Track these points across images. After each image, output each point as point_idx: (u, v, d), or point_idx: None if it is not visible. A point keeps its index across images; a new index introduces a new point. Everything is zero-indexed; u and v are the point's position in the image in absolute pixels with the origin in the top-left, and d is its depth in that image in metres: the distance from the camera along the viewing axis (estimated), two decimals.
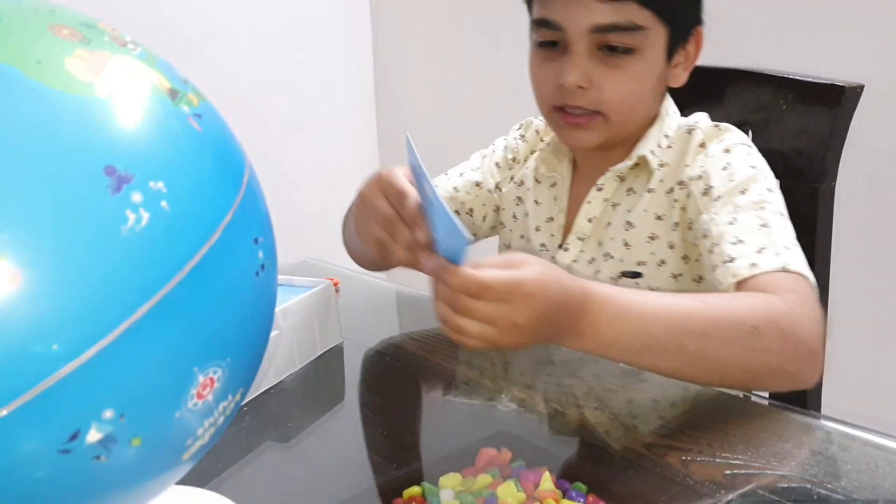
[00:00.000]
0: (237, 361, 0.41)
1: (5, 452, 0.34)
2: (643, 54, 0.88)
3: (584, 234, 0.98)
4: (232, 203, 0.40)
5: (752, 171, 0.86)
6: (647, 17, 0.87)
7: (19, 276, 0.32)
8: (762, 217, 0.81)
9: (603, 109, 0.89)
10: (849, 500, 0.58)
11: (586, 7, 0.86)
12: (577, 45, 0.88)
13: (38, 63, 0.35)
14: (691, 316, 0.68)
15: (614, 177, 0.95)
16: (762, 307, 0.71)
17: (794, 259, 0.77)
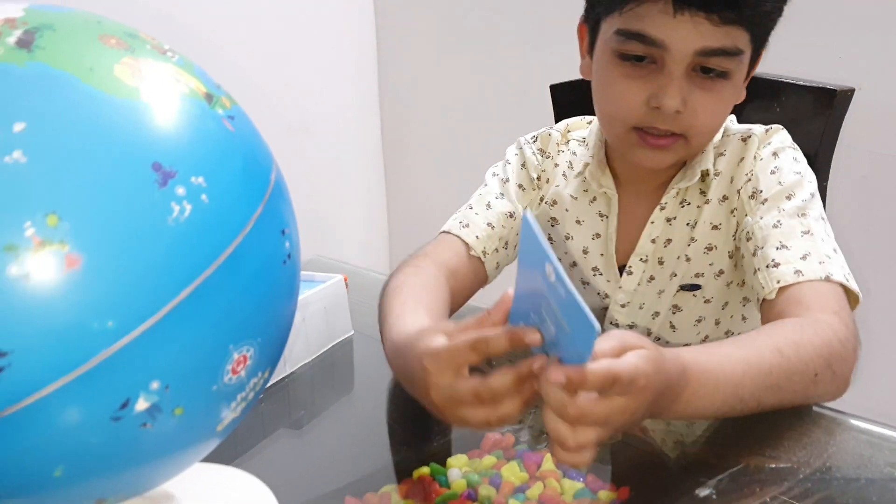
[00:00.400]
0: (266, 341, 0.45)
1: (64, 418, 0.38)
2: (734, 77, 0.85)
3: (647, 255, 0.94)
4: (262, 197, 0.44)
5: (797, 177, 0.85)
6: (745, 40, 0.83)
7: (80, 260, 0.36)
8: (805, 224, 0.82)
9: (689, 133, 0.86)
10: (832, 479, 0.62)
11: (698, 30, 0.81)
12: (678, 66, 0.82)
13: (90, 70, 0.39)
14: (770, 373, 0.68)
15: (675, 193, 0.92)
16: (823, 351, 0.71)
17: (836, 268, 0.79)
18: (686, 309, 0.94)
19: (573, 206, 0.98)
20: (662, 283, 0.94)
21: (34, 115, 0.37)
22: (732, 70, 0.83)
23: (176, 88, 0.42)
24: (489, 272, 0.98)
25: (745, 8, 0.80)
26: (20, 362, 0.36)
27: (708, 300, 0.93)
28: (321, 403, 0.87)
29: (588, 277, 0.98)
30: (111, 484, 0.43)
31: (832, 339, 0.71)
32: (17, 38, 0.39)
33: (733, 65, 0.83)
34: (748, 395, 0.66)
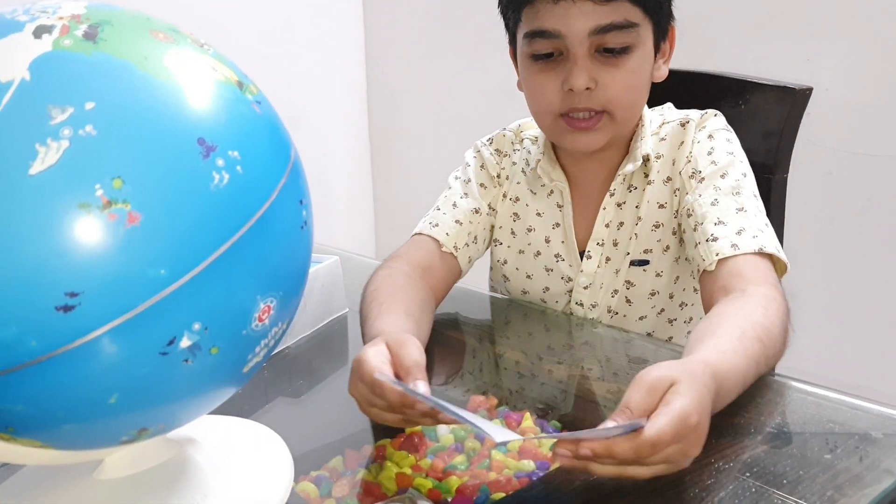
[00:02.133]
0: (286, 295, 0.52)
1: (121, 351, 0.45)
2: (637, 50, 0.92)
3: (603, 239, 1.01)
4: (284, 170, 0.51)
5: (730, 157, 0.93)
6: (637, 14, 0.91)
7: (139, 218, 0.43)
8: (739, 201, 0.89)
9: (609, 108, 0.92)
10: (782, 433, 0.69)
11: (583, 11, 0.89)
12: (579, 49, 0.90)
13: (145, 59, 0.47)
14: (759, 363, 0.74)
15: (623, 179, 0.99)
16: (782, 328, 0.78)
17: (768, 241, 0.86)
18: (638, 283, 1.01)
19: (532, 200, 1.05)
20: (618, 263, 1.02)
21: (101, 96, 0.44)
22: (633, 43, 0.92)
23: (213, 76, 0.49)
24: (462, 266, 1.05)
25: None
26: (88, 302, 0.43)
27: (659, 274, 1.00)
28: (318, 374, 0.93)
29: (552, 264, 1.05)
30: (154, 414, 0.50)
31: (783, 314, 0.80)
32: (83, 32, 0.46)
33: (631, 38, 0.91)
34: (748, 384, 0.73)
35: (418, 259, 1.01)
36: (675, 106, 1.05)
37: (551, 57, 0.93)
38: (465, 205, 1.07)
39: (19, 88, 0.44)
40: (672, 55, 0.99)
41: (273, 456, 0.64)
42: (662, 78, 0.98)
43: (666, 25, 0.96)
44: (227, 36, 2.11)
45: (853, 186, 1.61)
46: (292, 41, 2.32)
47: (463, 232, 1.05)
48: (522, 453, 0.69)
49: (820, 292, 1.66)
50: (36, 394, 0.45)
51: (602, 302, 1.03)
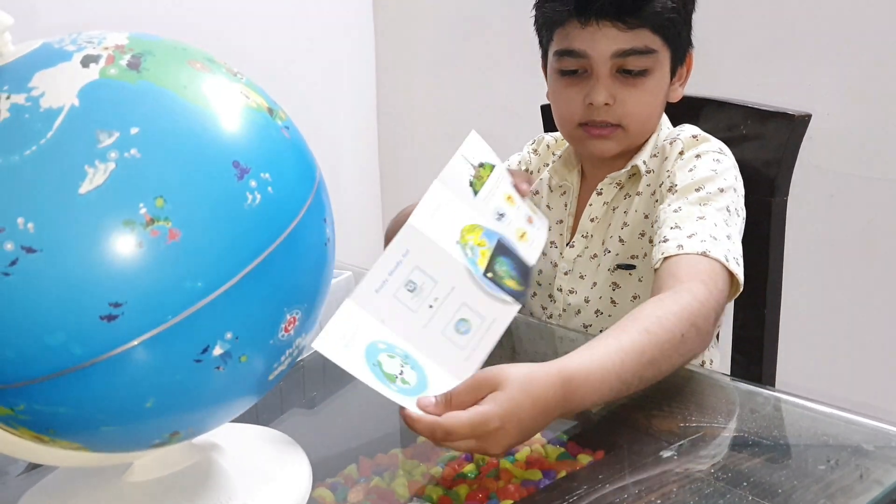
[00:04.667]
0: (310, 308, 0.55)
1: (159, 358, 0.48)
2: (654, 74, 1.02)
3: (588, 233, 1.11)
4: (311, 191, 0.55)
5: (710, 173, 0.98)
6: (657, 41, 1.01)
7: (179, 234, 0.47)
8: (702, 211, 0.94)
9: (623, 122, 1.04)
10: (775, 444, 0.72)
11: (608, 36, 1.00)
12: (602, 68, 1.01)
13: (185, 87, 0.50)
14: (644, 352, 0.76)
15: (612, 183, 1.09)
16: (684, 314, 0.80)
17: (716, 247, 0.89)
18: (623, 287, 1.08)
19: (548, 195, 1.18)
20: (600, 259, 1.10)
21: (145, 121, 0.48)
22: (651, 67, 1.02)
23: (245, 103, 0.53)
24: None
25: (638, 14, 0.99)
26: (130, 312, 0.46)
27: (641, 279, 1.07)
28: (332, 386, 0.96)
29: (546, 249, 1.16)
30: (186, 418, 0.53)
31: (691, 301, 0.81)
32: (127, 61, 0.50)
33: (649, 63, 1.02)
34: (630, 377, 0.74)
35: None
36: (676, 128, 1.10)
37: (576, 73, 1.04)
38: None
39: (69, 114, 0.47)
40: (688, 79, 1.08)
41: (292, 462, 0.67)
42: (677, 99, 1.09)
43: (684, 52, 1.06)
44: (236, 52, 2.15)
45: (854, 209, 1.63)
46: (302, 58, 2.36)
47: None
48: (530, 463, 0.72)
49: (821, 314, 1.69)
50: (78, 397, 0.48)
51: (581, 291, 1.11)
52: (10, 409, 0.50)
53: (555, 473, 0.69)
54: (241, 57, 2.21)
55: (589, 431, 0.77)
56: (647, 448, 0.72)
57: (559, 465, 0.71)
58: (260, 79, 0.61)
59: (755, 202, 1.11)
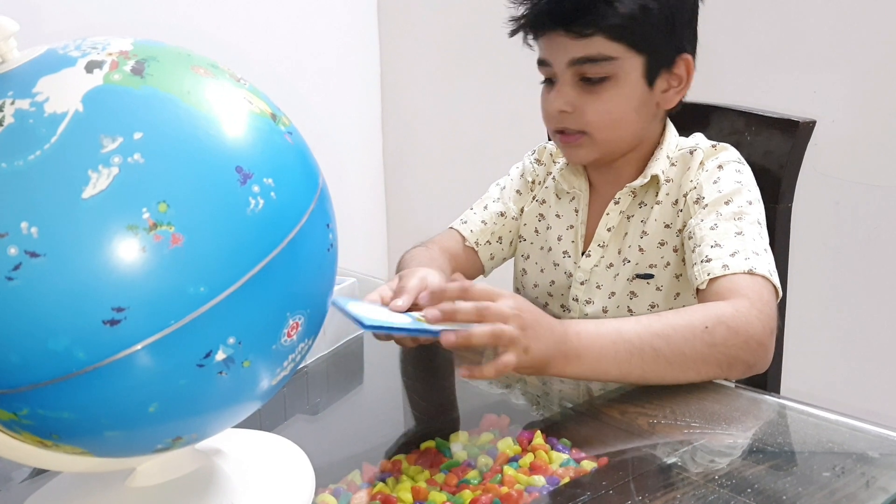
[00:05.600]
0: (312, 313, 0.55)
1: (162, 363, 0.48)
2: (618, 81, 1.01)
3: (604, 242, 1.10)
4: (313, 197, 0.55)
5: (737, 185, 0.98)
6: (616, 48, 1.00)
7: (182, 239, 0.47)
8: (739, 226, 0.94)
9: (587, 129, 1.04)
10: (780, 452, 0.72)
11: (563, 45, 1.01)
12: (563, 76, 1.03)
13: (188, 93, 0.50)
14: (651, 324, 0.81)
15: (629, 192, 1.08)
16: (711, 312, 0.83)
17: (760, 263, 0.90)
18: (641, 295, 1.08)
19: (556, 203, 1.18)
20: (618, 268, 1.09)
21: (148, 127, 0.48)
22: (612, 74, 1.01)
23: (249, 109, 0.53)
24: (483, 261, 1.22)
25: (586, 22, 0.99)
26: (133, 316, 0.47)
27: (659, 288, 1.07)
28: (335, 392, 0.96)
29: (559, 260, 1.16)
30: (190, 423, 0.53)
31: (725, 306, 0.84)
32: (131, 67, 0.50)
33: (608, 70, 1.01)
34: (636, 338, 0.79)
35: (447, 246, 1.20)
36: (681, 135, 1.10)
37: (551, 81, 1.06)
38: (494, 208, 1.23)
39: (73, 119, 0.48)
40: (688, 84, 1.06)
41: (295, 468, 0.67)
42: (670, 105, 1.06)
43: (668, 58, 1.03)
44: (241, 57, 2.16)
45: (859, 216, 1.63)
46: (307, 67, 2.37)
47: (486, 231, 1.22)
48: (534, 469, 0.72)
49: (826, 321, 1.69)
50: (81, 402, 0.49)
51: (598, 301, 1.11)
52: (14, 413, 0.50)
53: (558, 480, 0.69)
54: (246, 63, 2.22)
55: (593, 438, 0.77)
56: (650, 455, 0.72)
57: (563, 471, 0.71)
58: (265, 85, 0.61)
59: None
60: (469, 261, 1.21)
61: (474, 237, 1.21)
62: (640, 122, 1.05)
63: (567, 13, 0.99)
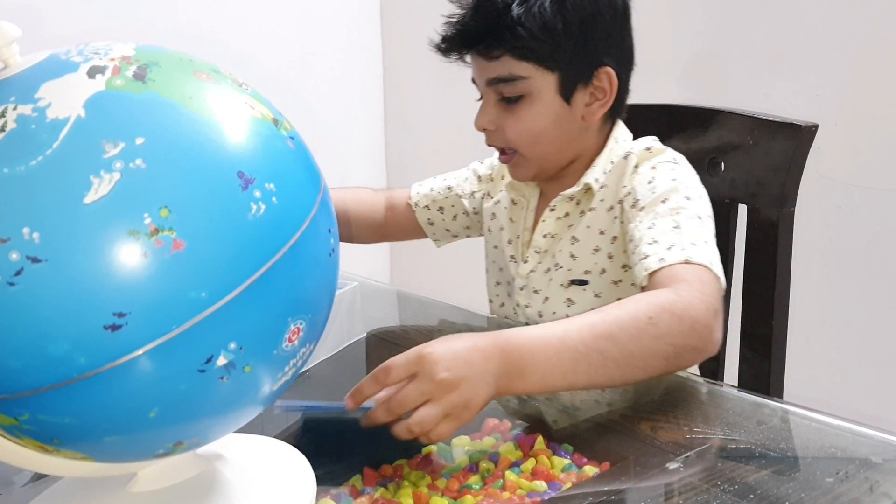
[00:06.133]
0: (314, 318, 0.55)
1: (163, 368, 0.48)
2: (532, 98, 1.03)
3: (541, 248, 1.12)
4: (315, 201, 0.55)
5: (672, 184, 0.98)
6: (526, 67, 1.02)
7: (183, 244, 0.47)
8: (676, 221, 0.93)
9: (511, 146, 1.06)
10: (783, 457, 0.72)
11: (480, 66, 1.05)
12: (485, 95, 1.06)
13: (190, 98, 0.51)
14: (595, 324, 0.77)
15: (564, 199, 1.09)
16: (653, 301, 0.81)
17: (696, 253, 0.88)
18: (578, 302, 1.08)
19: (510, 206, 1.19)
20: (552, 273, 1.10)
21: (150, 132, 0.48)
22: (526, 93, 1.03)
23: (251, 114, 0.53)
24: (421, 224, 1.30)
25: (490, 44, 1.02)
26: (135, 321, 0.47)
27: (598, 295, 1.07)
28: (336, 397, 0.96)
29: (505, 263, 1.19)
30: (190, 428, 0.53)
31: (666, 293, 0.82)
32: (133, 72, 0.50)
33: (520, 89, 1.03)
34: (580, 344, 0.75)
35: (392, 195, 1.32)
36: (685, 140, 1.10)
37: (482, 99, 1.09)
38: (448, 182, 1.30)
39: (75, 124, 0.48)
40: (613, 96, 1.06)
41: (296, 473, 0.67)
42: (595, 118, 1.07)
43: (586, 73, 1.04)
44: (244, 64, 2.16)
45: (862, 220, 1.63)
46: (310, 70, 2.37)
47: (429, 197, 1.29)
48: (536, 474, 0.72)
49: (829, 325, 1.68)
50: (82, 407, 0.49)
51: (534, 306, 1.13)
52: (15, 418, 0.50)
53: (560, 485, 0.69)
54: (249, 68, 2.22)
55: (595, 443, 0.77)
56: (653, 460, 0.72)
57: (565, 476, 0.70)
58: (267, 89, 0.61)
59: (763, 213, 1.11)
60: (405, 216, 1.30)
61: (417, 198, 1.29)
62: (563, 135, 1.07)
63: (473, 37, 1.03)
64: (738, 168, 1.13)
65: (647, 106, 1.28)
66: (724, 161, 1.15)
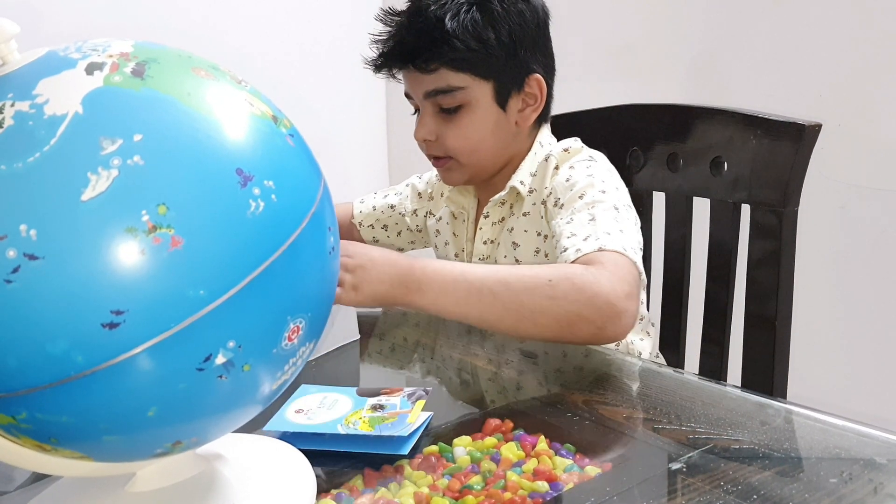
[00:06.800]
0: (314, 316, 0.55)
1: (161, 366, 0.48)
2: (471, 108, 1.08)
3: (483, 255, 1.15)
4: (315, 199, 0.54)
5: (588, 179, 1.02)
6: (462, 78, 1.06)
7: (181, 242, 0.46)
8: (592, 213, 0.97)
9: (451, 154, 1.11)
10: (787, 458, 0.71)
11: (416, 79, 1.09)
12: (423, 107, 1.11)
13: (189, 95, 0.50)
14: (498, 271, 0.86)
15: (496, 205, 1.13)
16: (558, 268, 0.87)
17: (611, 241, 0.92)
18: None
19: (452, 222, 1.24)
20: None
21: (148, 129, 0.48)
22: (464, 103, 1.08)
23: (250, 111, 0.53)
24: (366, 240, 1.34)
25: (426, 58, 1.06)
26: (132, 320, 0.46)
27: None
28: None
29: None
30: (189, 427, 0.52)
31: (576, 267, 0.88)
32: (131, 69, 0.50)
33: (458, 100, 1.08)
34: (477, 281, 0.85)
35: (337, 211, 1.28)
36: (688, 139, 1.10)
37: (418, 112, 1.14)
38: (390, 199, 1.34)
39: (73, 121, 0.47)
40: (543, 101, 1.12)
41: (296, 473, 0.66)
42: (528, 123, 1.13)
43: (518, 80, 1.10)
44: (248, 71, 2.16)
45: (866, 220, 1.62)
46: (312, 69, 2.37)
47: (372, 216, 1.35)
48: (537, 475, 0.71)
49: (832, 325, 1.68)
50: (80, 406, 0.48)
51: None
52: (12, 417, 0.49)
53: (562, 485, 0.68)
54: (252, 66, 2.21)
55: (597, 443, 0.77)
56: (655, 460, 0.72)
57: (566, 476, 0.70)
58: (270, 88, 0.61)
59: (766, 213, 1.11)
60: (349, 234, 1.35)
61: (361, 217, 1.34)
62: (499, 142, 1.12)
63: (410, 52, 1.07)
64: (742, 168, 1.13)
65: (650, 106, 1.27)
66: (727, 161, 1.15)
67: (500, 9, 1.07)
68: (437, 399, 0.93)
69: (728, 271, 1.18)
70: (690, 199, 1.23)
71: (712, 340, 1.21)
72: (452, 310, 0.87)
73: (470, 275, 0.85)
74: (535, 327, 0.86)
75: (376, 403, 0.81)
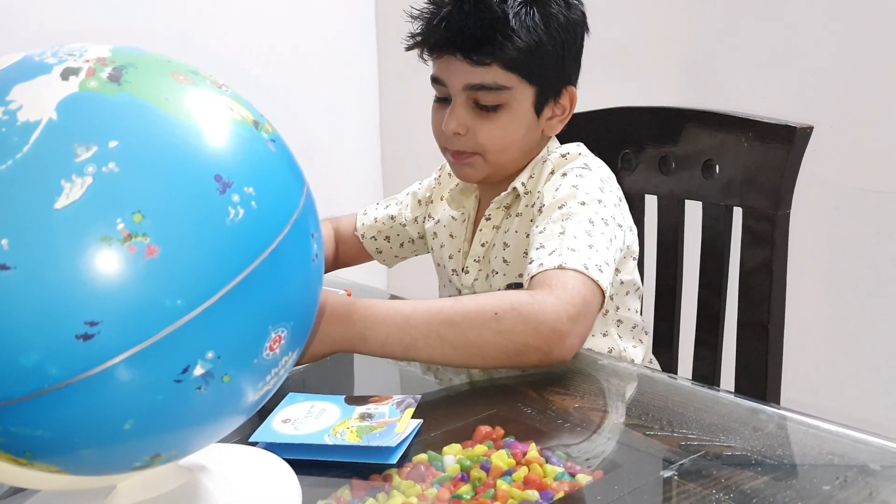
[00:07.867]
0: (296, 325, 0.54)
1: (138, 378, 0.47)
2: (510, 109, 1.05)
3: (479, 257, 1.14)
4: (297, 206, 0.53)
5: (571, 190, 1.01)
6: (511, 78, 1.03)
7: (158, 250, 0.45)
8: (563, 226, 0.96)
9: (479, 151, 1.07)
10: (780, 465, 0.70)
11: (460, 69, 1.04)
12: (457, 98, 1.05)
13: (166, 100, 0.49)
14: (442, 310, 0.84)
15: (498, 207, 1.12)
16: (504, 299, 0.85)
17: (572, 258, 0.91)
18: None
19: (450, 222, 1.22)
20: (491, 280, 1.14)
21: (124, 135, 0.47)
22: (505, 103, 1.05)
23: (230, 116, 0.52)
24: (370, 252, 1.34)
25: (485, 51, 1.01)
26: (107, 330, 0.45)
27: None
28: None
29: (451, 277, 1.21)
30: (168, 440, 0.51)
31: (522, 294, 0.86)
32: (108, 74, 0.49)
33: (502, 99, 1.04)
34: (423, 325, 0.84)
35: (341, 226, 1.34)
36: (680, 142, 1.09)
37: (445, 100, 1.08)
38: (391, 210, 1.32)
39: (47, 127, 0.46)
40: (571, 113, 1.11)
41: (282, 484, 0.65)
42: (554, 133, 1.12)
43: (555, 90, 1.09)
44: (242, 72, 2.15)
45: (860, 222, 1.62)
46: (305, 76, 2.36)
47: (374, 228, 1.32)
48: (528, 483, 0.70)
49: (826, 329, 1.67)
50: (55, 419, 0.47)
51: None
52: None
53: (553, 494, 0.67)
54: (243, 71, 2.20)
55: (588, 451, 0.76)
56: (647, 468, 0.71)
57: (557, 485, 0.69)
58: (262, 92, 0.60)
59: (758, 215, 1.10)
60: (354, 246, 1.34)
61: (363, 229, 1.32)
62: (525, 146, 1.10)
63: (467, 41, 1.02)
64: (734, 170, 1.12)
65: (641, 109, 1.27)
66: (719, 163, 1.14)
67: (559, 16, 1.05)
68: (427, 406, 0.92)
69: (721, 275, 1.17)
70: (682, 202, 1.22)
71: (705, 345, 1.21)
72: (400, 356, 0.87)
73: (415, 319, 0.84)
74: (484, 360, 0.86)
75: (364, 412, 0.79)
